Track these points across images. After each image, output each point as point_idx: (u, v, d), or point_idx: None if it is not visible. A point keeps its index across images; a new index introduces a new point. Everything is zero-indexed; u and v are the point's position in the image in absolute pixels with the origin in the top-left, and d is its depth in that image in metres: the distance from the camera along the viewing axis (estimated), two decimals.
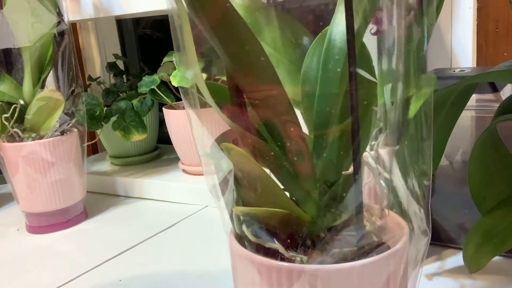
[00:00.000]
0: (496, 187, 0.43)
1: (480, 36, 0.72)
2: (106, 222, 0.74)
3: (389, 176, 0.31)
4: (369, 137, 0.30)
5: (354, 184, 0.28)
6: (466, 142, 0.50)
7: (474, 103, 0.50)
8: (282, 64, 0.32)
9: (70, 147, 0.71)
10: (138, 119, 0.86)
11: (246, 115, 0.29)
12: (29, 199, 0.70)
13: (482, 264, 0.40)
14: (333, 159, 0.30)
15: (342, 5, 0.28)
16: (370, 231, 0.32)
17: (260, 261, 0.28)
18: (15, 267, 0.61)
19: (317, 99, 0.30)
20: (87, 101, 0.81)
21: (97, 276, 0.56)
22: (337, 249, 0.29)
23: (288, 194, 0.31)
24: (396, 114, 0.30)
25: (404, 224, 0.31)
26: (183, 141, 0.82)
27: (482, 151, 0.42)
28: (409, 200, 0.31)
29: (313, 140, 0.31)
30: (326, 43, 0.29)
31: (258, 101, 0.28)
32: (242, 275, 0.30)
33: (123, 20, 1.11)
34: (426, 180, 0.30)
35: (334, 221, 0.30)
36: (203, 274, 0.54)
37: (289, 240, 0.30)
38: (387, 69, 0.30)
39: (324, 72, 0.29)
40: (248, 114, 0.29)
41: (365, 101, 0.28)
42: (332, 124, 0.29)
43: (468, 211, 0.51)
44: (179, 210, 0.75)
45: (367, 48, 0.30)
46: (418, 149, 0.30)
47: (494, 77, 0.44)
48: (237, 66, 0.27)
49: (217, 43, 0.26)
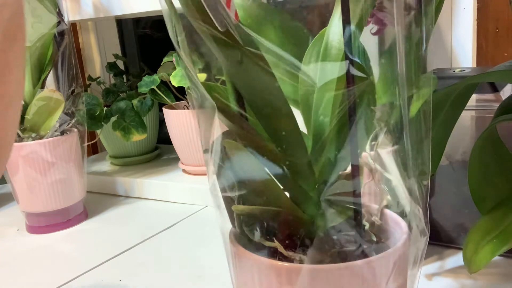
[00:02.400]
0: (496, 187, 0.43)
1: (480, 36, 0.72)
2: (106, 222, 0.74)
3: (388, 176, 0.31)
4: (368, 137, 0.30)
5: (353, 184, 0.28)
6: (466, 142, 0.50)
7: (474, 103, 0.50)
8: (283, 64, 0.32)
9: (70, 147, 0.71)
10: (138, 119, 0.86)
11: (245, 116, 0.29)
12: (29, 199, 0.70)
13: (482, 264, 0.40)
14: (332, 159, 0.30)
15: (339, 5, 0.28)
16: (369, 231, 0.32)
17: (259, 261, 0.28)
18: (15, 267, 0.61)
19: (315, 99, 0.30)
20: (87, 101, 0.81)
21: (97, 276, 0.56)
22: (336, 248, 0.29)
23: (288, 194, 0.31)
24: (396, 114, 0.30)
25: (403, 224, 0.31)
26: (183, 141, 0.82)
27: (482, 151, 0.42)
28: (408, 199, 0.31)
29: (311, 140, 0.31)
30: (324, 43, 0.29)
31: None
32: (241, 274, 0.30)
33: (123, 20, 1.11)
34: (425, 179, 0.30)
35: (333, 221, 0.30)
36: (203, 274, 0.54)
37: (288, 239, 0.30)
38: (387, 69, 0.30)
39: (322, 72, 0.29)
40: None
41: (364, 101, 0.28)
42: (330, 124, 0.29)
43: (468, 211, 0.51)
44: (179, 210, 0.75)
45: (364, 48, 0.30)
46: (417, 148, 0.30)
47: (494, 77, 0.44)
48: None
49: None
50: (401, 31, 0.28)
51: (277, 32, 0.32)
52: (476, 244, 0.41)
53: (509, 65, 0.39)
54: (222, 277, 0.53)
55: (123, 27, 1.12)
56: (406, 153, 0.30)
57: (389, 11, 0.30)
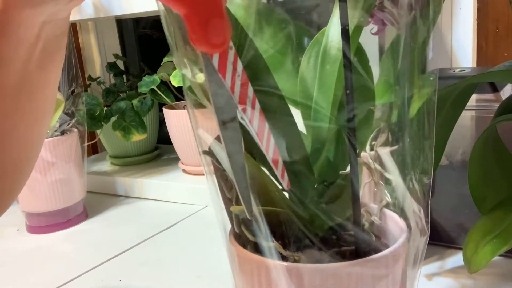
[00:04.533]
0: (496, 187, 0.43)
1: (480, 36, 0.72)
2: (106, 222, 0.74)
3: (388, 176, 0.31)
4: (367, 136, 0.30)
5: (352, 184, 0.28)
6: (466, 142, 0.50)
7: (474, 103, 0.50)
8: (282, 64, 0.32)
9: (70, 147, 0.71)
10: (138, 119, 0.86)
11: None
12: (29, 199, 0.70)
13: (482, 264, 0.40)
14: (331, 159, 0.30)
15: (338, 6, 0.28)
16: (369, 230, 0.32)
17: (259, 260, 0.28)
18: (15, 267, 0.61)
19: (314, 99, 0.30)
20: (87, 101, 0.81)
21: (97, 276, 0.56)
22: (335, 248, 0.29)
23: (287, 194, 0.31)
24: (396, 114, 0.30)
25: (402, 223, 0.31)
26: (183, 141, 0.82)
27: (482, 151, 0.42)
28: (408, 199, 0.31)
29: (311, 140, 0.31)
30: (323, 43, 0.29)
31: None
32: (241, 274, 0.30)
33: (123, 20, 1.11)
34: (426, 178, 0.30)
35: (332, 220, 0.30)
36: (203, 274, 0.54)
37: (288, 239, 0.30)
38: (388, 69, 0.30)
39: (321, 72, 0.29)
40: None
41: (363, 101, 0.28)
42: (330, 124, 0.29)
43: (468, 211, 0.51)
44: (179, 210, 0.75)
45: (364, 49, 0.30)
46: (419, 147, 0.30)
47: (494, 77, 0.44)
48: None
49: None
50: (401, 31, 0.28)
51: (277, 32, 0.32)
52: (476, 244, 0.41)
53: (509, 65, 0.39)
54: (222, 277, 0.53)
55: (123, 27, 1.12)
56: (406, 153, 0.30)
57: (389, 11, 0.30)
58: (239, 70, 0.22)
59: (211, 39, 0.20)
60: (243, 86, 0.22)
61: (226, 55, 0.22)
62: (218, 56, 0.21)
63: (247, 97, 0.23)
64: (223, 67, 0.21)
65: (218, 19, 0.20)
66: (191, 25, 0.20)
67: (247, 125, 0.23)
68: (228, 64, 0.22)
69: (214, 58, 0.21)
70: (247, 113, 0.23)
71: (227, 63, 0.22)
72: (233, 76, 0.22)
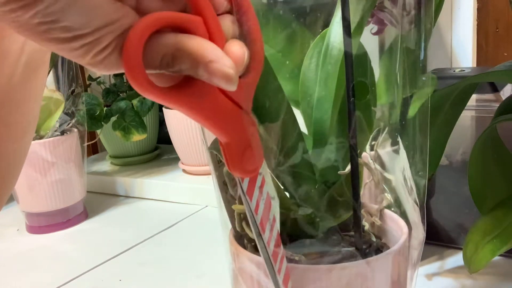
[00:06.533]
0: (496, 187, 0.43)
1: (480, 36, 0.72)
2: (106, 222, 0.74)
3: (388, 176, 0.31)
4: (368, 137, 0.30)
5: (353, 185, 0.28)
6: (466, 142, 0.50)
7: (474, 103, 0.50)
8: (284, 65, 0.32)
9: (70, 147, 0.71)
10: (138, 119, 0.86)
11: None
12: (29, 199, 0.70)
13: (482, 264, 0.40)
14: (332, 159, 0.30)
15: (340, 6, 0.28)
16: (369, 231, 0.32)
17: (259, 260, 0.28)
18: (15, 267, 0.61)
19: (316, 100, 0.30)
20: (87, 101, 0.81)
21: (97, 276, 0.56)
22: (336, 248, 0.29)
23: (288, 194, 0.31)
24: (396, 114, 0.30)
25: (403, 223, 0.31)
26: (183, 141, 0.82)
27: (482, 151, 0.42)
28: (407, 199, 0.31)
29: (312, 141, 0.31)
30: (325, 45, 0.29)
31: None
32: (241, 274, 0.30)
33: None
34: (423, 179, 0.30)
35: (333, 221, 0.30)
36: (203, 274, 0.54)
37: (288, 239, 0.30)
38: (388, 69, 0.30)
39: (322, 73, 0.29)
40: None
41: (363, 101, 0.28)
42: (331, 124, 0.29)
43: (468, 211, 0.51)
44: (179, 210, 0.75)
45: (365, 50, 0.30)
46: (418, 147, 0.30)
47: (494, 77, 0.44)
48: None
49: None
50: (401, 31, 0.28)
51: (278, 33, 0.32)
52: (476, 244, 0.41)
53: (509, 65, 0.39)
54: (222, 277, 0.53)
55: None
56: (405, 153, 0.30)
57: (389, 11, 0.30)
58: (264, 195, 0.24)
59: (245, 166, 0.23)
60: (265, 209, 0.25)
61: (255, 180, 0.24)
62: (248, 180, 0.24)
63: (268, 220, 0.25)
64: (251, 191, 0.24)
65: (252, 149, 0.22)
66: (230, 154, 0.22)
67: (264, 247, 0.25)
68: (256, 188, 0.24)
69: (244, 181, 0.24)
70: (265, 235, 0.25)
71: (255, 187, 0.24)
72: (258, 200, 0.24)
